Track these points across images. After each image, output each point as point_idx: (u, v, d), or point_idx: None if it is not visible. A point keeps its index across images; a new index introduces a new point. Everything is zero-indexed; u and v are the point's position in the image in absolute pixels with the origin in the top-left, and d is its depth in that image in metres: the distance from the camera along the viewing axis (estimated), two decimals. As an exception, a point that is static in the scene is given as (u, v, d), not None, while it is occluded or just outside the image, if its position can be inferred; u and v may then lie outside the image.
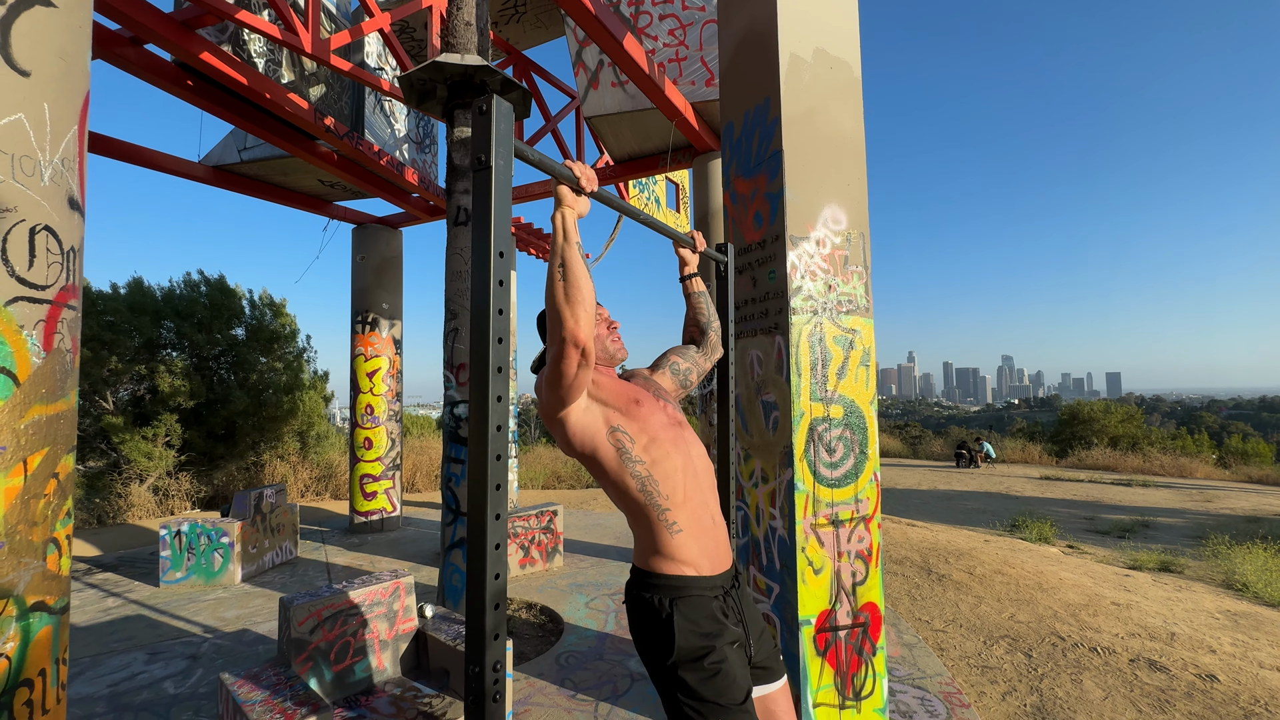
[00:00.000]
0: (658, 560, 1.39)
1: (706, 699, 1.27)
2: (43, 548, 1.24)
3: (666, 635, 1.32)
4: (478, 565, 0.97)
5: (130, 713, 2.97)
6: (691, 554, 1.39)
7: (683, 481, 1.42)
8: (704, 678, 1.28)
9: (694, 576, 1.38)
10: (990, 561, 5.39)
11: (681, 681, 1.29)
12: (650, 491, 1.39)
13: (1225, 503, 9.74)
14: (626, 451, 1.39)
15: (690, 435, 1.55)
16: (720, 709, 1.27)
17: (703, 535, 1.42)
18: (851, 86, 2.79)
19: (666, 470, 1.40)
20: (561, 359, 1.25)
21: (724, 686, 1.28)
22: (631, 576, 1.45)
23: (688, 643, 1.31)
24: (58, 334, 1.30)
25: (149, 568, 5.59)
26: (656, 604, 1.35)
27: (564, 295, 1.21)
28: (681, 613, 1.33)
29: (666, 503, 1.39)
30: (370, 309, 7.37)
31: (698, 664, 1.30)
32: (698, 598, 1.36)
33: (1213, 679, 3.17)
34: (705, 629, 1.33)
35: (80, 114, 1.40)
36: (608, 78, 5.45)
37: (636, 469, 1.39)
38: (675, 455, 1.43)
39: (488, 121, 1.00)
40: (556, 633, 3.91)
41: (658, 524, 1.39)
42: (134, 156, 5.61)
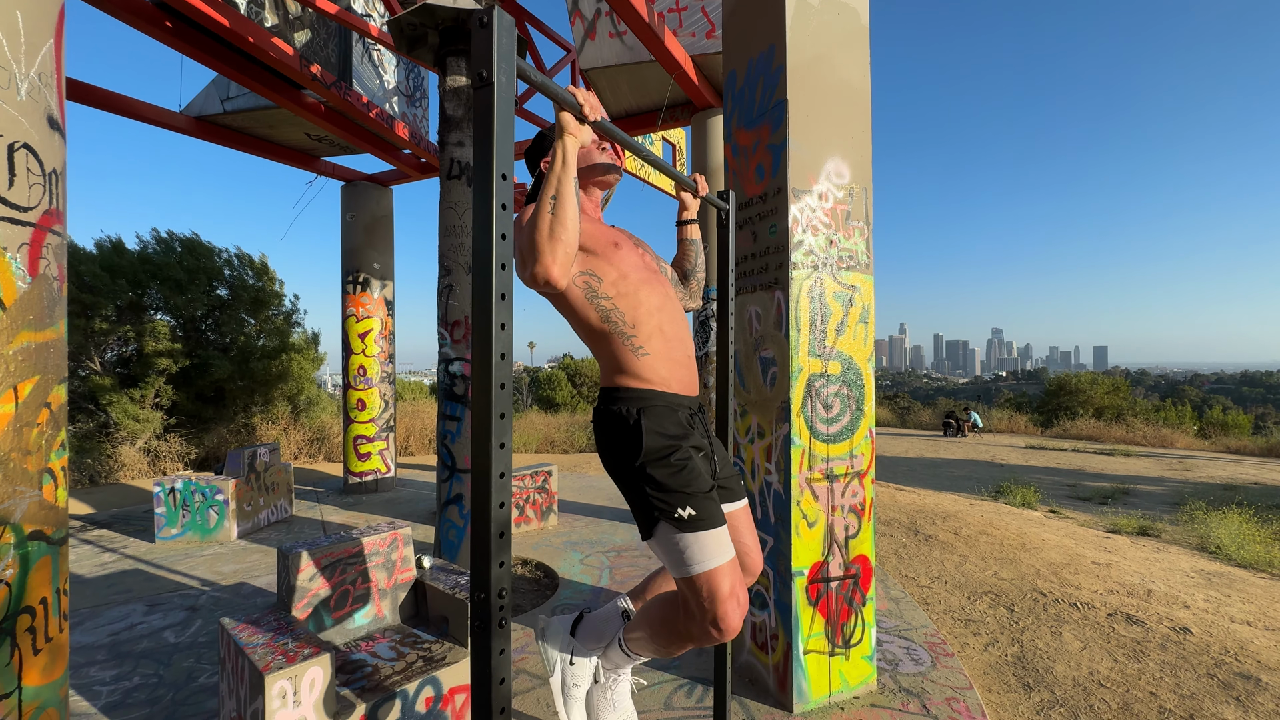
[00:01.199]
0: (623, 377, 1.43)
1: (674, 489, 1.33)
2: (38, 477, 1.22)
3: (634, 438, 1.37)
4: (482, 494, 0.97)
5: (131, 660, 3.01)
6: (659, 374, 1.43)
7: (652, 317, 1.45)
8: (671, 472, 1.34)
9: (661, 391, 1.42)
10: (975, 523, 5.51)
11: (650, 477, 1.35)
12: (615, 321, 1.42)
13: (1203, 471, 9.99)
14: (593, 290, 1.42)
15: (665, 283, 1.57)
16: (688, 496, 1.32)
17: (672, 364, 1.46)
18: (859, 34, 2.70)
19: (633, 303, 1.43)
20: (526, 279, 1.29)
21: (690, 478, 1.34)
22: (599, 397, 1.48)
23: (654, 442, 1.36)
24: (43, 259, 1.25)
25: (144, 525, 5.60)
26: (624, 413, 1.40)
27: (548, 230, 1.19)
28: (648, 419, 1.38)
29: (631, 330, 1.42)
30: (361, 269, 7.26)
31: (664, 460, 1.35)
32: (664, 407, 1.41)
33: (1186, 631, 3.29)
34: (670, 432, 1.38)
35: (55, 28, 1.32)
36: (605, 28, 5.26)
37: (601, 303, 1.41)
38: (643, 292, 1.46)
39: (489, 34, 0.95)
40: (552, 587, 3.98)
41: (623, 348, 1.42)
42: (110, 104, 5.39)
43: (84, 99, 5.27)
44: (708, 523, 1.32)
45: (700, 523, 1.31)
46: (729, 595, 1.31)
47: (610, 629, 1.71)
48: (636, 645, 1.59)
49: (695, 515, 1.31)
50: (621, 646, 1.63)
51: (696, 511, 1.31)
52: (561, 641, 1.75)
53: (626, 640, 1.62)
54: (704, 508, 1.32)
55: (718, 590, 1.30)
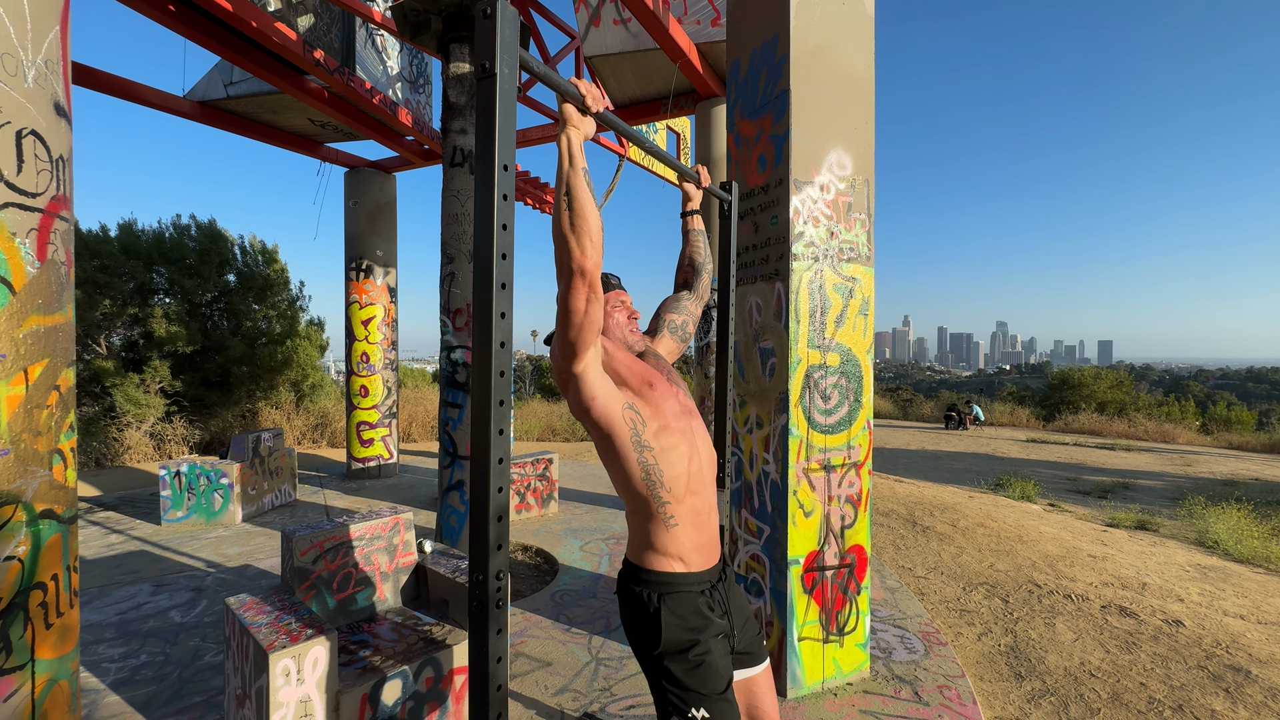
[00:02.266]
0: (650, 555, 1.41)
1: (690, 688, 1.33)
2: (48, 457, 1.25)
3: (654, 628, 1.36)
4: (481, 478, 0.99)
5: (139, 639, 3.07)
6: (684, 549, 1.40)
7: (686, 472, 1.41)
8: (688, 669, 1.33)
9: (683, 573, 1.40)
10: (973, 515, 5.54)
11: (667, 671, 1.34)
12: (654, 482, 1.37)
13: (1204, 467, 9.99)
14: (638, 434, 1.36)
15: (699, 425, 1.52)
16: (703, 697, 1.32)
17: (698, 531, 1.43)
18: (863, 24, 2.69)
19: (673, 460, 1.39)
20: (569, 292, 1.20)
21: (706, 676, 1.33)
22: (623, 568, 1.47)
23: (673, 636, 1.35)
24: (51, 244, 1.27)
25: (150, 507, 5.68)
26: (645, 598, 1.38)
27: (569, 224, 1.18)
28: (669, 607, 1.36)
29: (668, 495, 1.38)
30: (364, 256, 7.27)
31: (682, 655, 1.34)
32: (685, 594, 1.39)
33: (1179, 624, 3.33)
34: (691, 624, 1.36)
35: (61, 15, 1.33)
36: (609, 14, 5.22)
37: (645, 455, 1.36)
38: (683, 445, 1.41)
39: (492, 26, 0.96)
40: (552, 573, 4.03)
41: (655, 517, 1.39)
42: (115, 88, 5.39)
43: (88, 83, 5.27)
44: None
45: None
46: None
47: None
48: None
49: (708, 718, 1.32)
50: None
51: (710, 715, 1.32)
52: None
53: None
54: (718, 711, 1.33)
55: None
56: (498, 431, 0.99)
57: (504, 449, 1.01)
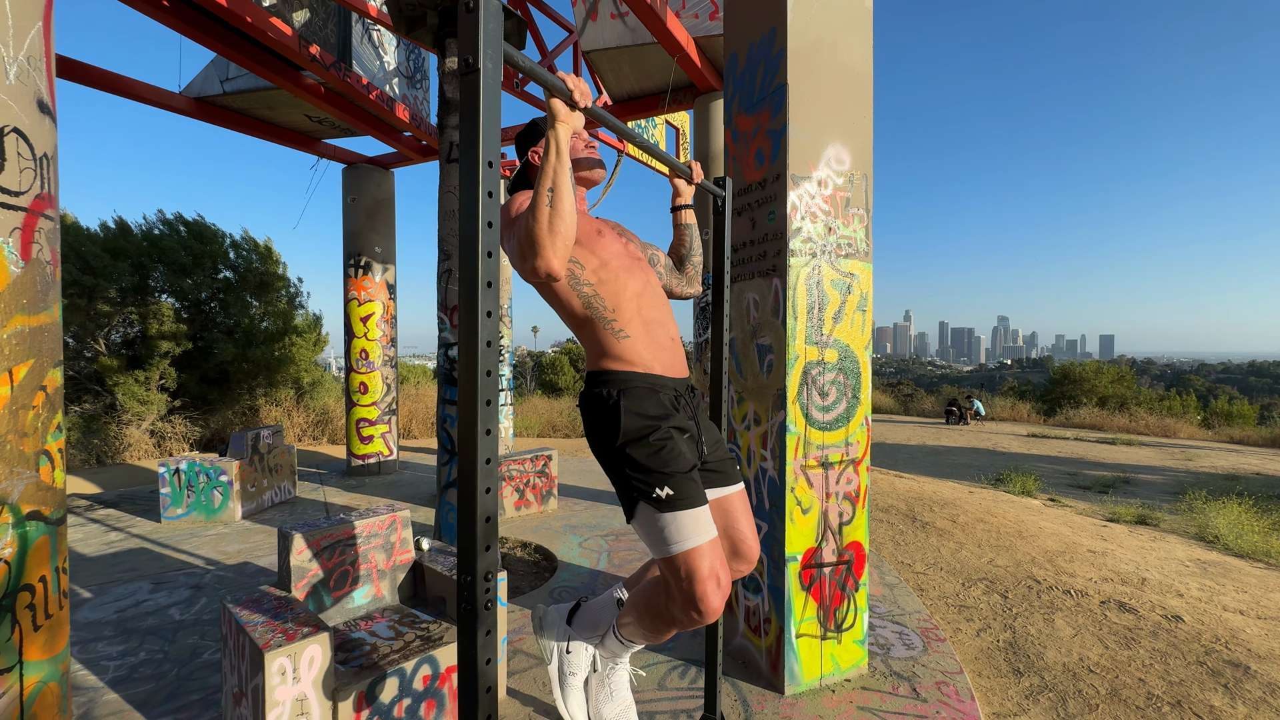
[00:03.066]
0: (606, 361, 1.44)
1: (652, 469, 1.33)
2: (35, 459, 1.24)
3: (614, 420, 1.37)
4: (469, 478, 0.98)
5: (138, 636, 3.08)
6: (642, 357, 1.43)
7: (632, 302, 1.45)
8: (650, 452, 1.34)
9: (643, 373, 1.42)
10: (973, 511, 5.54)
11: (629, 458, 1.35)
12: (596, 307, 1.43)
13: (1206, 461, 9.98)
14: (575, 277, 1.42)
15: (646, 269, 1.58)
16: (666, 475, 1.32)
17: (655, 346, 1.46)
18: (862, 17, 2.66)
19: (614, 289, 1.44)
20: (527, 273, 1.28)
21: (669, 458, 1.34)
22: (585, 381, 1.49)
23: (633, 423, 1.36)
24: (35, 244, 1.26)
25: (149, 504, 5.68)
26: (605, 395, 1.41)
27: (547, 223, 1.18)
28: (628, 400, 1.39)
29: (612, 315, 1.43)
30: (362, 252, 7.25)
31: (643, 440, 1.35)
32: (645, 389, 1.41)
33: (1178, 619, 3.32)
34: (650, 413, 1.38)
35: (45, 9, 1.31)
36: (607, 8, 5.18)
37: (583, 289, 1.42)
38: (624, 278, 1.46)
39: (475, 19, 0.94)
40: (550, 570, 4.03)
41: (604, 332, 1.43)
42: (109, 84, 5.36)
43: (82, 79, 5.24)
44: (686, 502, 1.32)
45: (678, 502, 1.31)
46: (708, 575, 1.31)
47: (606, 618, 1.72)
48: (628, 631, 1.61)
49: (673, 495, 1.31)
50: (616, 634, 1.65)
51: (674, 491, 1.31)
52: (558, 631, 1.78)
53: (619, 627, 1.63)
54: (682, 487, 1.32)
55: (696, 570, 1.30)
56: (485, 432, 0.98)
57: (491, 450, 1.00)
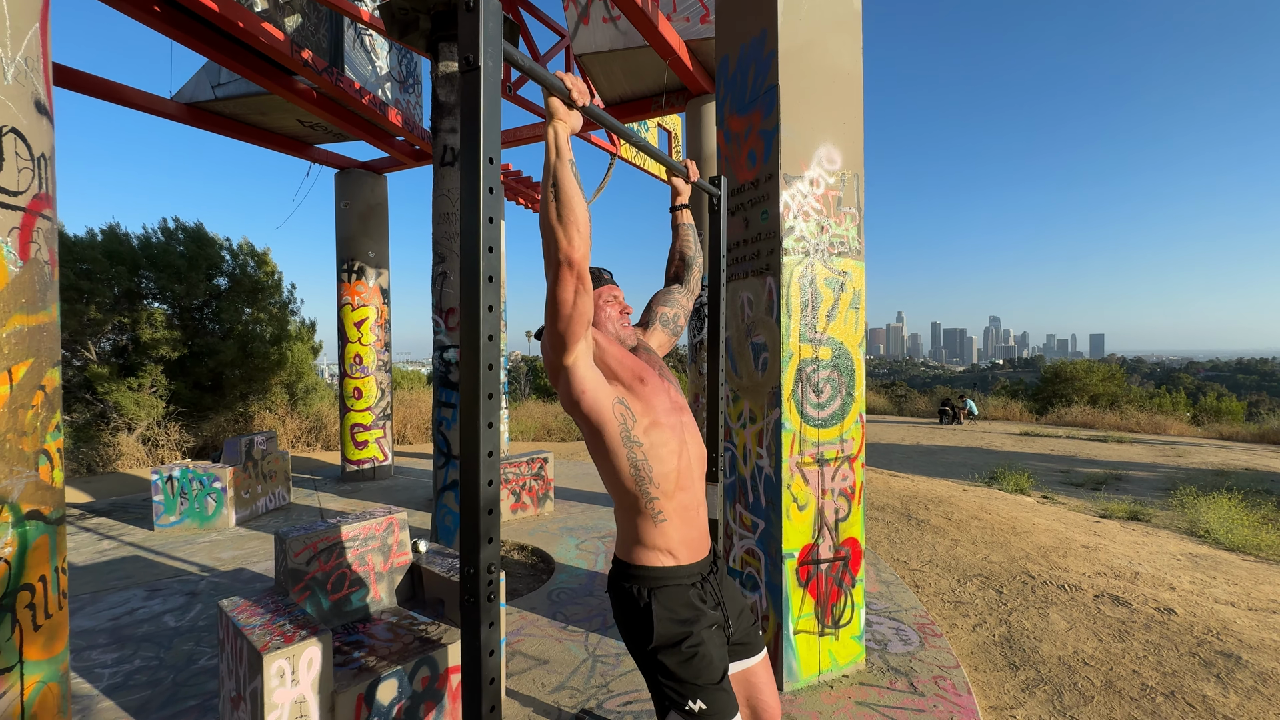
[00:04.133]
0: (638, 550, 1.40)
1: (686, 680, 1.32)
2: (34, 458, 1.24)
3: (645, 623, 1.36)
4: (471, 471, 0.99)
5: (133, 644, 3.05)
6: (672, 544, 1.40)
7: (676, 469, 1.41)
8: (681, 660, 1.33)
9: (672, 566, 1.39)
10: (968, 508, 5.57)
11: (661, 665, 1.34)
12: (643, 478, 1.37)
13: (1196, 457, 10.07)
14: (628, 429, 1.36)
15: (689, 420, 1.52)
16: (699, 688, 1.32)
17: (686, 526, 1.42)
18: (851, 19, 2.70)
19: (662, 455, 1.38)
20: (557, 284, 1.20)
21: (701, 668, 1.33)
22: (614, 567, 1.46)
23: (665, 630, 1.35)
24: (34, 244, 1.27)
25: (142, 512, 5.64)
26: (635, 594, 1.38)
27: (556, 214, 1.18)
28: (659, 601, 1.36)
29: (656, 491, 1.38)
30: (356, 257, 7.23)
31: (675, 648, 1.34)
32: (675, 587, 1.38)
33: (1170, 612, 3.36)
34: (682, 616, 1.36)
35: (41, 11, 1.32)
36: (599, 12, 5.21)
37: (634, 451, 1.36)
38: (673, 441, 1.41)
39: (475, 19, 0.95)
40: (548, 571, 4.03)
41: (644, 513, 1.38)
42: (100, 90, 5.34)
43: (73, 85, 5.22)
44: (718, 717, 1.32)
45: (710, 717, 1.32)
46: None
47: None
48: None
49: (705, 710, 1.31)
50: None
51: (707, 706, 1.31)
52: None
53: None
54: (714, 700, 1.32)
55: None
56: (486, 425, 0.99)
57: (493, 442, 1.01)
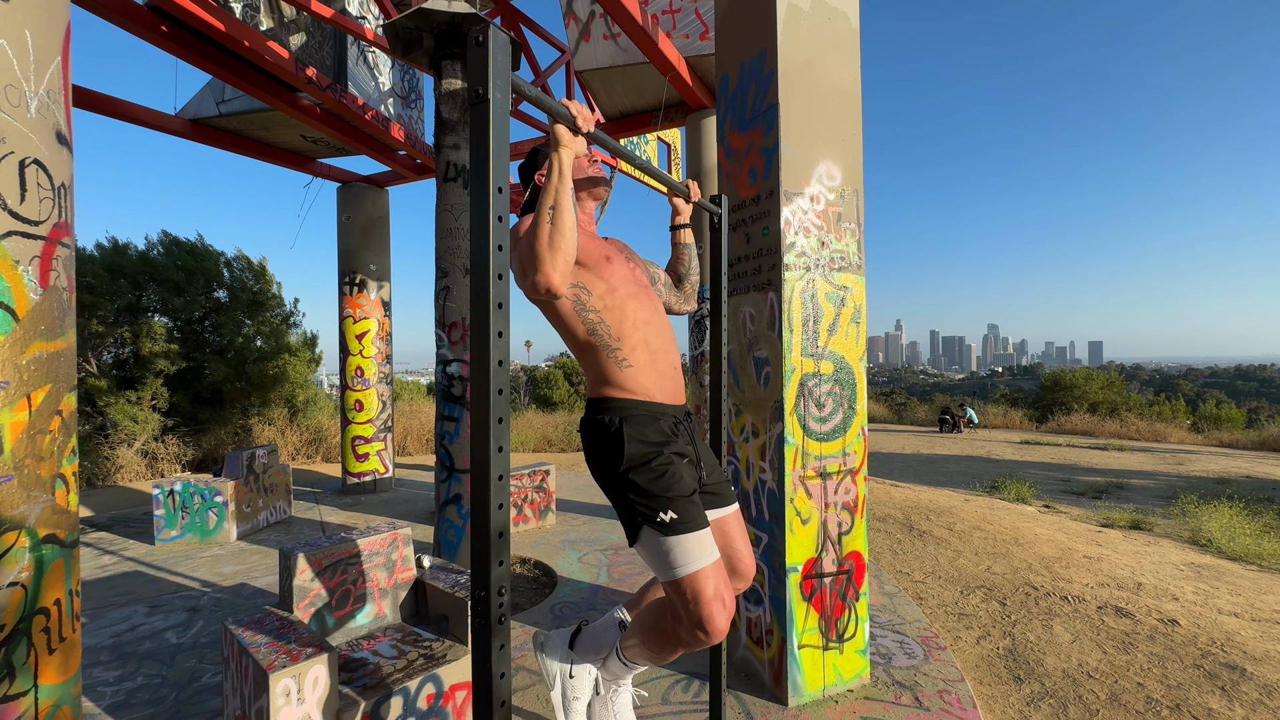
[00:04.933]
0: (608, 389, 1.46)
1: (656, 494, 1.36)
2: (51, 482, 1.26)
3: (616, 446, 1.40)
4: (482, 496, 1.01)
5: (134, 661, 3.04)
6: (642, 385, 1.45)
7: (637, 330, 1.47)
8: (652, 477, 1.37)
9: (644, 400, 1.45)
10: (969, 519, 5.57)
11: (632, 483, 1.38)
12: (600, 334, 1.44)
13: (1196, 465, 10.08)
14: (581, 302, 1.44)
15: (653, 297, 1.60)
16: (669, 500, 1.35)
17: (658, 374, 1.48)
18: (849, 39, 2.74)
19: (619, 317, 1.46)
20: (527, 289, 1.30)
21: (671, 482, 1.37)
22: (585, 410, 1.51)
23: (636, 449, 1.39)
24: (53, 271, 1.29)
25: (143, 527, 5.62)
26: (606, 422, 1.43)
27: (547, 240, 1.22)
28: (629, 427, 1.41)
29: (616, 343, 1.45)
30: (358, 270, 7.27)
31: (645, 466, 1.38)
32: (645, 415, 1.43)
33: (1174, 623, 3.35)
34: (652, 439, 1.41)
35: (63, 45, 1.36)
36: (599, 29, 5.29)
37: (588, 316, 1.44)
38: (631, 305, 1.48)
39: (484, 52, 0.98)
40: (550, 585, 4.02)
41: (607, 360, 1.45)
42: (107, 108, 5.40)
43: (80, 103, 5.28)
44: (689, 526, 1.34)
45: (681, 526, 1.34)
46: (713, 597, 1.33)
47: (608, 639, 1.73)
48: (632, 653, 1.62)
49: (676, 519, 1.34)
50: (619, 656, 1.66)
51: (678, 515, 1.34)
52: (560, 654, 1.78)
53: (623, 649, 1.64)
54: (685, 511, 1.35)
55: (701, 592, 1.33)
56: (497, 449, 1.01)
57: (503, 466, 1.02)
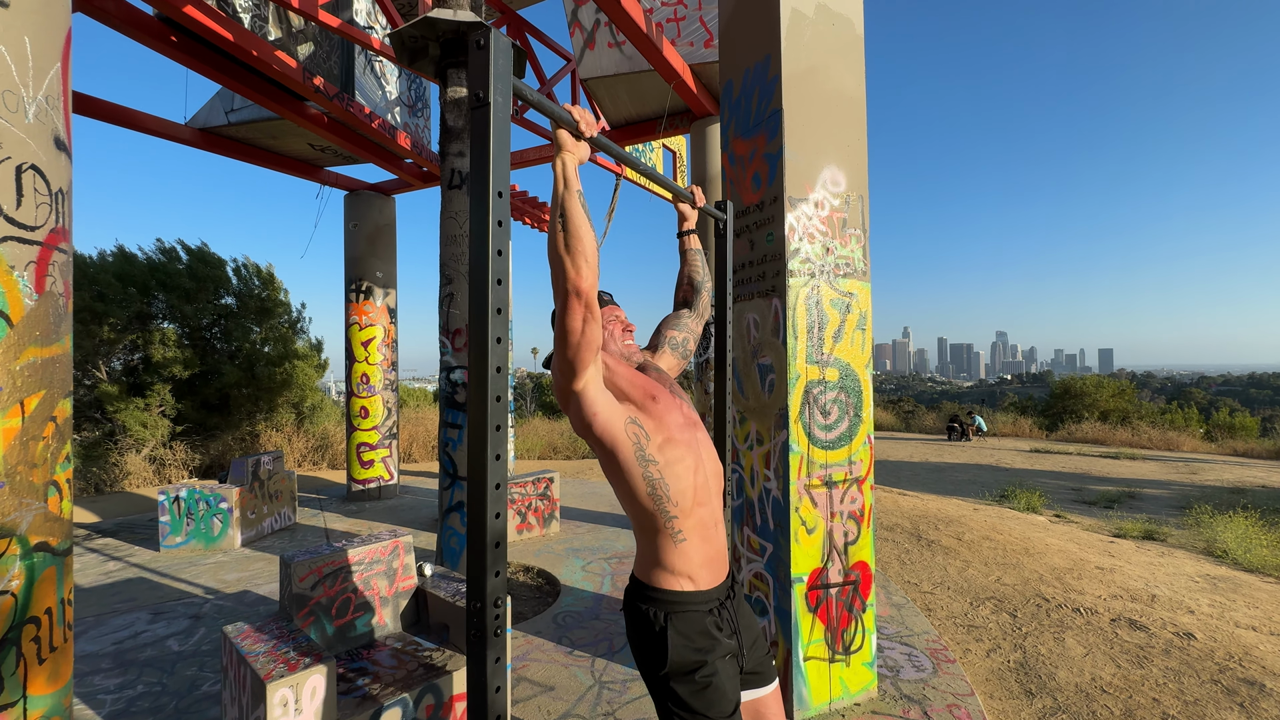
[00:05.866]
0: (658, 573, 1.38)
1: (697, 711, 1.30)
2: (43, 489, 1.25)
3: (660, 648, 1.34)
4: (478, 504, 0.99)
5: (136, 669, 3.03)
6: (692, 566, 1.38)
7: (693, 485, 1.39)
8: (694, 690, 1.31)
9: (691, 591, 1.37)
10: (979, 528, 5.49)
11: (673, 692, 1.32)
12: (660, 496, 1.35)
13: (1210, 475, 9.92)
14: (642, 448, 1.34)
15: (704, 437, 1.51)
16: (708, 719, 1.30)
17: (706, 545, 1.40)
18: (853, 44, 2.73)
19: (679, 473, 1.36)
20: (566, 313, 1.20)
21: (713, 699, 1.31)
22: (630, 585, 1.44)
23: (680, 656, 1.32)
24: (49, 276, 1.29)
25: (148, 533, 5.63)
26: (652, 617, 1.36)
27: (564, 245, 1.18)
28: (675, 627, 1.34)
29: (674, 509, 1.36)
30: (364, 277, 7.31)
31: (689, 677, 1.32)
32: (692, 613, 1.36)
33: (1190, 637, 3.28)
34: (698, 644, 1.34)
35: (63, 51, 1.36)
36: (604, 38, 5.31)
37: (650, 470, 1.34)
38: (689, 458, 1.39)
39: (485, 56, 0.97)
40: (554, 594, 3.98)
41: (663, 532, 1.36)
42: (118, 117, 5.46)
43: (91, 112, 5.34)
44: None
45: None
46: None
47: None
48: None
49: None
50: None
51: None
52: None
53: None
54: None
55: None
56: (494, 457, 0.99)
57: (501, 474, 1.00)
